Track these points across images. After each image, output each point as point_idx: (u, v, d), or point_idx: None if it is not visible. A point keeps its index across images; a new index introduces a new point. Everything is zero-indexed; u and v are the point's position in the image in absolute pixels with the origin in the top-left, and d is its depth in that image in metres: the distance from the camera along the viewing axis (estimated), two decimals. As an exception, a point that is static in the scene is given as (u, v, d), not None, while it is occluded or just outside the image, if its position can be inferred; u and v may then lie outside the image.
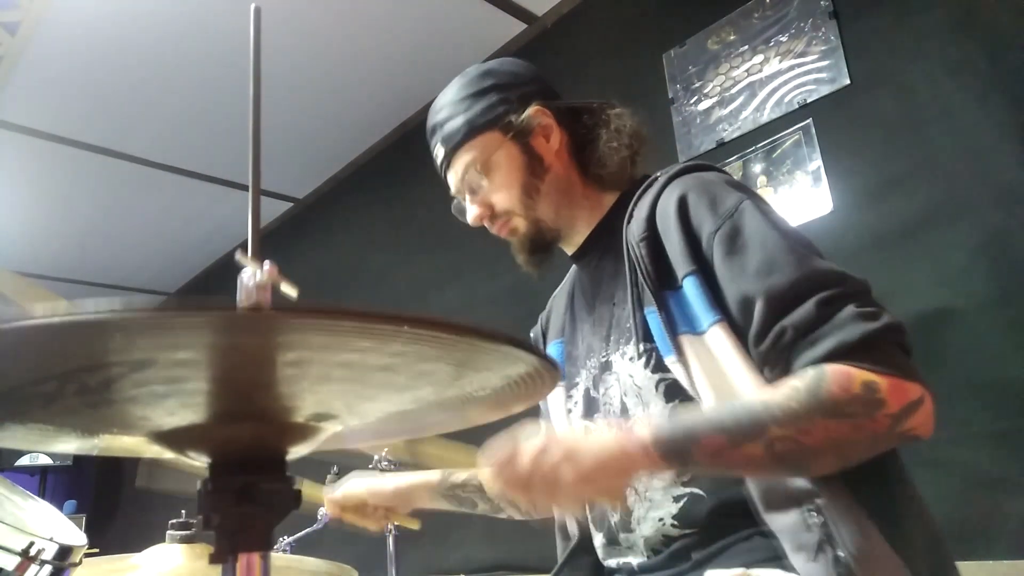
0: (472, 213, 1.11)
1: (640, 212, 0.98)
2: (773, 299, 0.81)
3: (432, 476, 1.26)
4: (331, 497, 1.28)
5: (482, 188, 1.09)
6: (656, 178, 1.02)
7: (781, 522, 0.80)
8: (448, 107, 1.11)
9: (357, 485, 1.27)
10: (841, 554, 0.75)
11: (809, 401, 0.74)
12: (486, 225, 1.12)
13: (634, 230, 0.97)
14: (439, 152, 1.12)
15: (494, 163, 1.08)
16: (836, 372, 0.76)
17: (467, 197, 1.12)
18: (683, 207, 0.92)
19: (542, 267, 1.13)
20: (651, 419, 0.80)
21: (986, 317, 1.48)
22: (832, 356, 0.77)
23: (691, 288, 0.88)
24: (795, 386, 0.76)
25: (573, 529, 1.11)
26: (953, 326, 1.51)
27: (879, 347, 0.77)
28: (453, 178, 1.12)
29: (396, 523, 1.31)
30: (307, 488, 1.37)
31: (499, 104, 1.08)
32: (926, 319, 1.53)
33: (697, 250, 0.90)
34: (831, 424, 0.75)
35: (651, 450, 0.76)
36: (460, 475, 1.25)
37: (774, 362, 0.82)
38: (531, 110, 1.08)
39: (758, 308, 0.82)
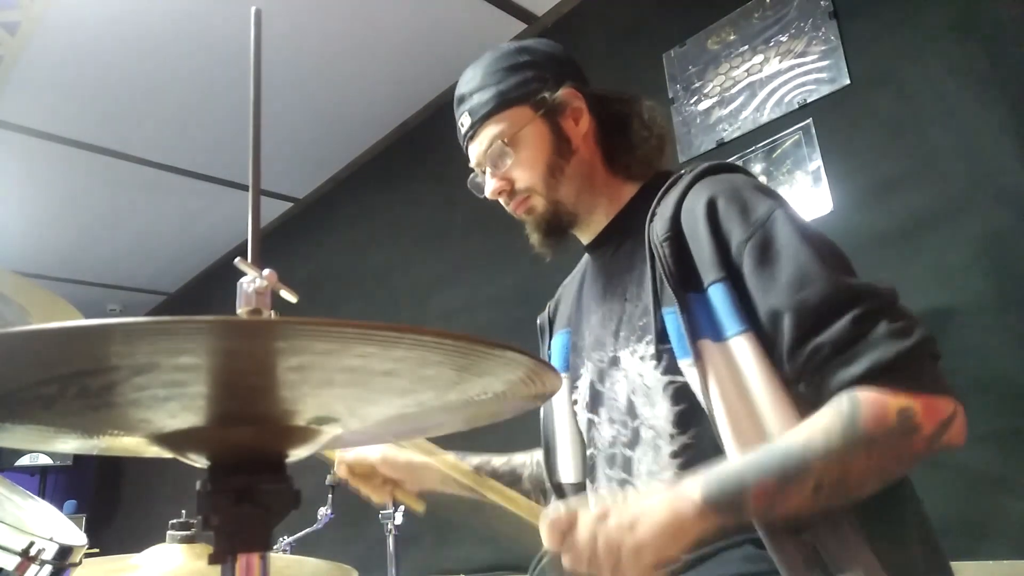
0: (491, 186, 1.09)
1: (664, 210, 0.96)
2: (806, 315, 0.81)
3: (447, 457, 1.25)
4: (343, 458, 1.26)
5: (505, 163, 1.07)
6: (680, 175, 1.01)
7: (775, 542, 0.79)
8: (479, 78, 1.08)
9: (371, 451, 1.25)
10: None
11: (846, 439, 0.75)
12: (502, 201, 1.10)
13: (657, 228, 0.95)
14: (464, 122, 1.09)
15: (521, 138, 1.06)
16: (870, 404, 0.76)
17: (487, 171, 1.10)
18: (712, 211, 0.91)
19: (555, 250, 1.12)
20: (696, 476, 0.79)
21: (986, 317, 1.49)
22: (868, 375, 0.77)
23: (718, 295, 0.87)
24: (831, 426, 0.76)
25: None
26: (953, 326, 1.51)
27: (912, 365, 0.78)
28: (476, 150, 1.09)
29: (401, 500, 1.29)
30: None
31: (533, 80, 1.07)
32: (926, 319, 1.51)
33: (726, 257, 0.88)
34: (872, 457, 0.76)
35: (705, 511, 0.76)
36: (474, 461, 1.23)
37: (809, 378, 0.82)
38: (564, 91, 1.07)
39: (789, 322, 0.82)
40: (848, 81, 1.79)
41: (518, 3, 2.60)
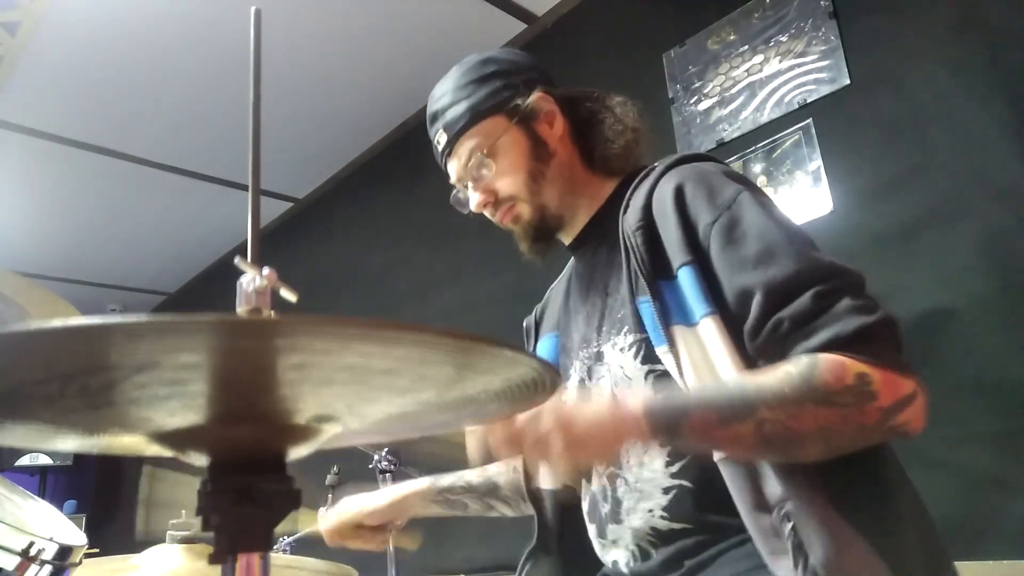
0: (475, 200, 1.09)
1: (636, 201, 0.97)
2: (772, 291, 0.81)
3: (421, 483, 1.26)
4: (326, 528, 1.25)
5: (485, 175, 1.07)
6: (653, 168, 1.02)
7: (757, 526, 0.79)
8: (450, 94, 1.09)
9: (348, 508, 1.25)
10: (812, 561, 0.74)
11: (801, 387, 0.75)
12: (487, 213, 1.10)
13: (630, 219, 0.96)
14: (441, 139, 1.10)
15: (499, 148, 1.06)
16: (830, 361, 0.76)
17: (469, 185, 1.10)
18: (680, 197, 0.92)
19: (545, 256, 1.12)
20: (646, 392, 0.81)
21: (986, 317, 1.49)
22: (827, 348, 0.77)
23: (686, 279, 0.88)
24: (788, 371, 0.77)
25: (535, 528, 1.12)
26: (953, 326, 1.51)
27: (874, 340, 0.77)
28: (455, 165, 1.10)
29: (396, 543, 1.30)
30: (304, 517, 1.35)
31: (503, 89, 1.07)
32: (926, 319, 1.53)
33: (694, 240, 0.89)
34: (821, 412, 0.75)
35: (641, 421, 0.77)
36: (447, 479, 1.24)
37: (771, 354, 0.82)
38: (535, 96, 1.08)
39: (756, 300, 0.82)
40: (848, 81, 1.79)
41: (518, 3, 2.61)
